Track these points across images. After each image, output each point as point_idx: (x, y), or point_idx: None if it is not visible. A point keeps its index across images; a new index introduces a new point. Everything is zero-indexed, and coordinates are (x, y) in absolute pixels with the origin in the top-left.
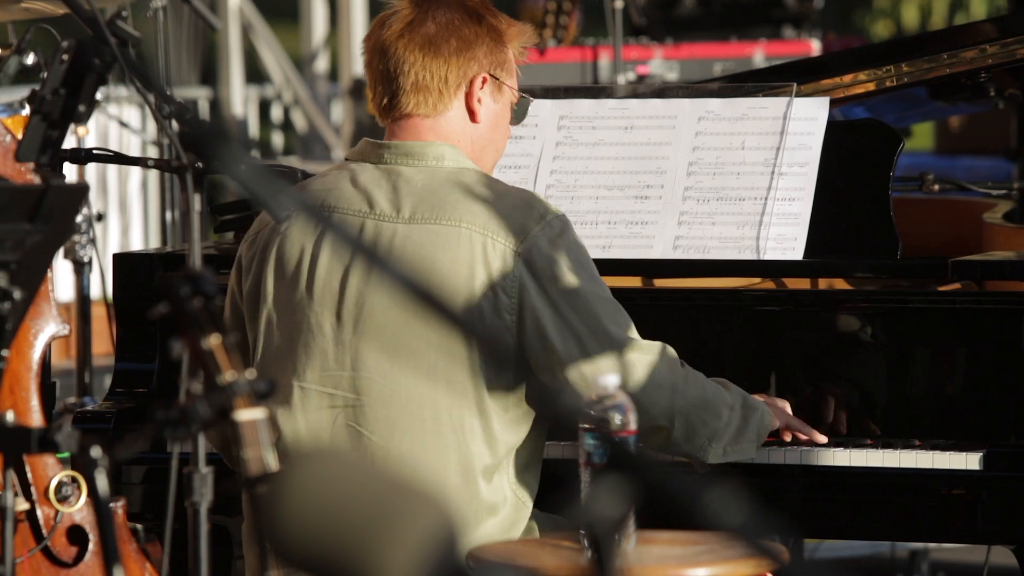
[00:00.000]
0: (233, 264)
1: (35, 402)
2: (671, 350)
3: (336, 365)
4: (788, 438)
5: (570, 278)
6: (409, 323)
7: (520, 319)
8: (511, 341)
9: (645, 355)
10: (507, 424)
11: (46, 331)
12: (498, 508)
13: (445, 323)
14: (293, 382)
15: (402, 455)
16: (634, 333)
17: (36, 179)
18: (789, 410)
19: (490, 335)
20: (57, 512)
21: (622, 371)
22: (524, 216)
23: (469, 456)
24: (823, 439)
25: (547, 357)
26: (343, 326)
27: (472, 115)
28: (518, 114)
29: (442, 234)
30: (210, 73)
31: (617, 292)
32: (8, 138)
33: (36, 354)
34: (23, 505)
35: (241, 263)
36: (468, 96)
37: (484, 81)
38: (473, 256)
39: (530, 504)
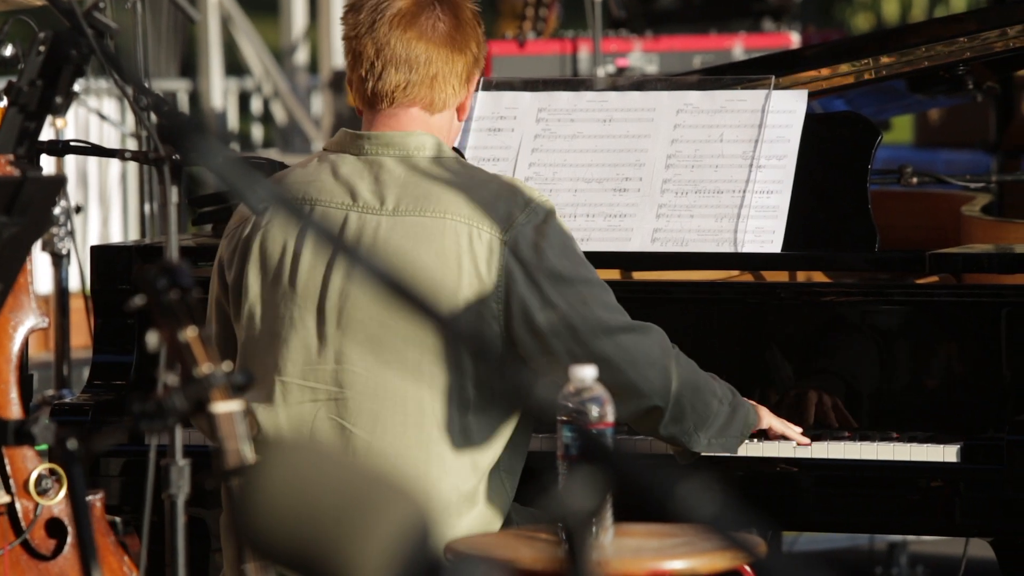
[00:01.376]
0: (214, 266)
1: (14, 395)
2: (661, 331)
3: (319, 359)
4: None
5: (557, 264)
6: (391, 318)
7: (507, 307)
8: (498, 330)
9: (637, 335)
10: (489, 417)
11: (25, 324)
12: (479, 501)
13: (424, 318)
14: (274, 377)
15: (384, 448)
16: (623, 314)
17: (13, 171)
18: (770, 415)
19: (474, 327)
20: (36, 505)
21: (615, 353)
22: (509, 204)
23: (451, 449)
24: (806, 441)
25: (536, 344)
26: (326, 320)
27: (461, 112)
28: None
29: (427, 226)
30: (189, 65)
31: None
32: None
33: (15, 347)
34: (3, 499)
35: (222, 261)
36: (467, 96)
37: (477, 81)
38: (459, 247)
39: (511, 497)
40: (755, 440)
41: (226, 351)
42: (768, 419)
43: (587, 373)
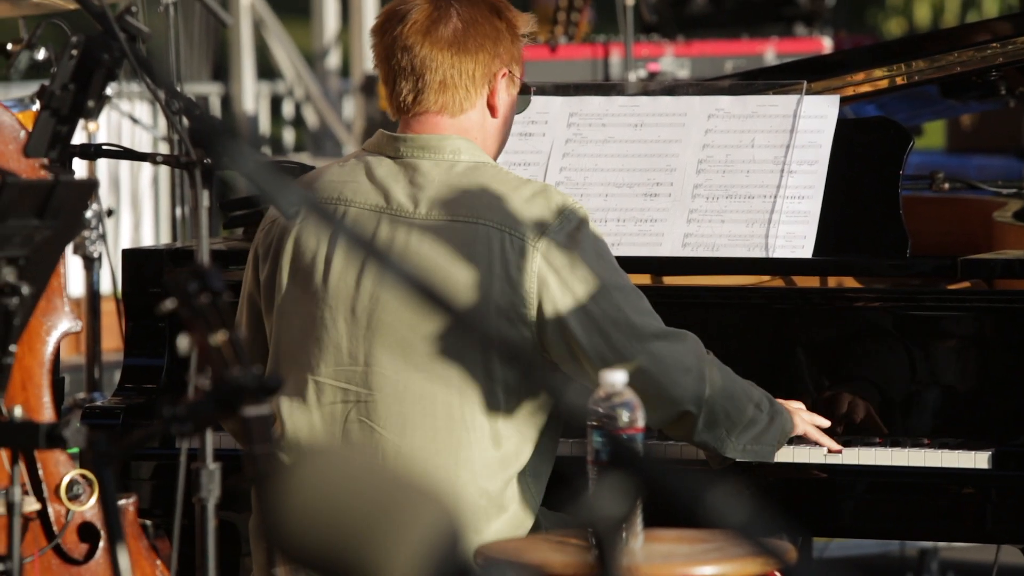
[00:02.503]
0: (249, 257)
1: (47, 398)
2: (695, 337)
3: (349, 360)
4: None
5: (589, 270)
6: (421, 322)
7: (540, 313)
8: (529, 336)
9: (670, 342)
10: (518, 422)
11: (59, 327)
12: (507, 506)
13: (453, 323)
14: (307, 376)
15: (413, 452)
16: (657, 320)
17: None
18: (806, 414)
19: (505, 332)
20: (68, 510)
21: (649, 359)
22: (542, 210)
23: (479, 454)
24: (837, 447)
25: (569, 350)
26: (357, 321)
27: (492, 111)
28: (521, 105)
29: (459, 231)
30: (222, 69)
31: None
32: (22, 133)
33: (48, 350)
34: (34, 505)
35: (258, 252)
36: (491, 93)
37: (505, 75)
38: (491, 252)
39: (538, 502)
40: (786, 445)
41: (256, 350)
42: (803, 425)
43: (617, 378)
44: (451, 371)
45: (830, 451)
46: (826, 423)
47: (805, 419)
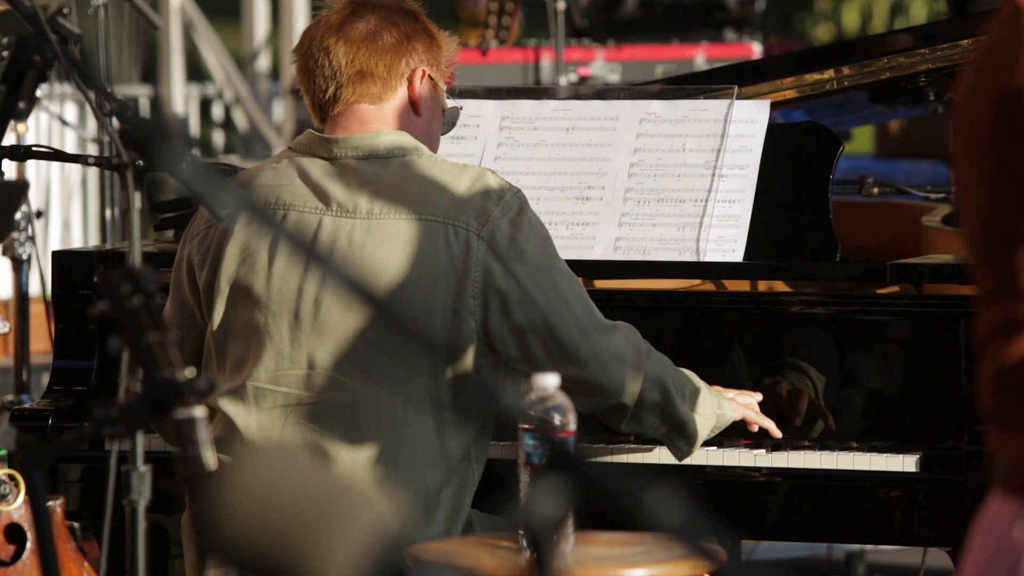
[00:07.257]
0: (178, 264)
1: None
2: (632, 328)
3: (290, 364)
4: (755, 429)
5: (533, 257)
6: (365, 325)
7: (484, 302)
8: (474, 327)
9: (609, 333)
10: (458, 422)
11: None
12: (443, 500)
13: (396, 326)
14: (247, 382)
15: (355, 453)
16: (597, 311)
17: None
18: (742, 398)
19: (451, 326)
20: None
21: (587, 351)
22: (483, 198)
23: (423, 448)
24: (778, 433)
25: (514, 339)
26: (300, 325)
27: (415, 107)
28: (448, 123)
29: (402, 228)
30: (151, 71)
31: None
32: None
33: None
34: None
35: (192, 262)
36: (411, 87)
37: (423, 75)
38: (435, 246)
39: (469, 499)
40: (714, 448)
41: (188, 354)
42: (742, 410)
43: (549, 381)
44: (395, 374)
45: (772, 434)
46: (759, 396)
47: (741, 403)
